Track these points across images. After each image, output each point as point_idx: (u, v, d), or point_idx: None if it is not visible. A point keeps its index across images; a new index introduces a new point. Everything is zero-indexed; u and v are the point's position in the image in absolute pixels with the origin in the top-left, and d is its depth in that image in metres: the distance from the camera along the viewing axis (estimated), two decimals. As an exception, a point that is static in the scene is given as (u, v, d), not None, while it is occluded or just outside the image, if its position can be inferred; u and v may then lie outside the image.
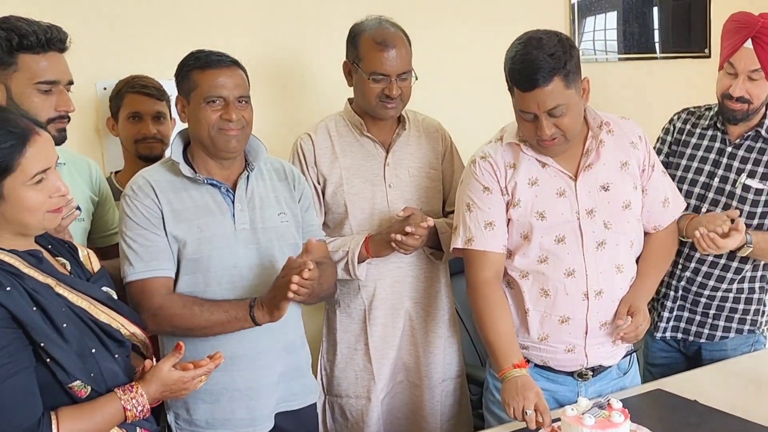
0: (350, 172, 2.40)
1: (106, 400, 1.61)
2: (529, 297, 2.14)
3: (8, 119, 1.55)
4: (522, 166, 2.11)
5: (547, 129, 1.99)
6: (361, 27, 2.35)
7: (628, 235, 2.15)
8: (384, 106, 2.33)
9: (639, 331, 2.11)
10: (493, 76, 3.20)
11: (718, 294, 2.45)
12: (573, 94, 1.98)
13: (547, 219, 2.09)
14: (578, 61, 2.00)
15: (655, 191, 2.21)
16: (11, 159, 1.52)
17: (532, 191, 2.10)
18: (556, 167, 2.10)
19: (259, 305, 1.96)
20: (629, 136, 2.17)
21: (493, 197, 2.12)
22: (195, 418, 2.07)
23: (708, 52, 3.84)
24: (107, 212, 2.25)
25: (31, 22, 1.87)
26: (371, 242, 2.32)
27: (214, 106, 1.99)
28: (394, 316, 2.44)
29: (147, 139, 2.53)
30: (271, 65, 2.87)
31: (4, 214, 1.55)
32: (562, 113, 1.98)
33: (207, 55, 2.03)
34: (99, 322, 1.65)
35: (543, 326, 2.14)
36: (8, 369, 1.47)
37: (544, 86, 1.94)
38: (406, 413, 2.51)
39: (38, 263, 1.60)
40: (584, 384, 2.19)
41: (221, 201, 2.06)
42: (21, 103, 1.83)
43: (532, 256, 2.11)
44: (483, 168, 2.14)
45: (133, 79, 2.54)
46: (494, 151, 2.15)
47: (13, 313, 1.48)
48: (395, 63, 2.29)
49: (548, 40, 1.96)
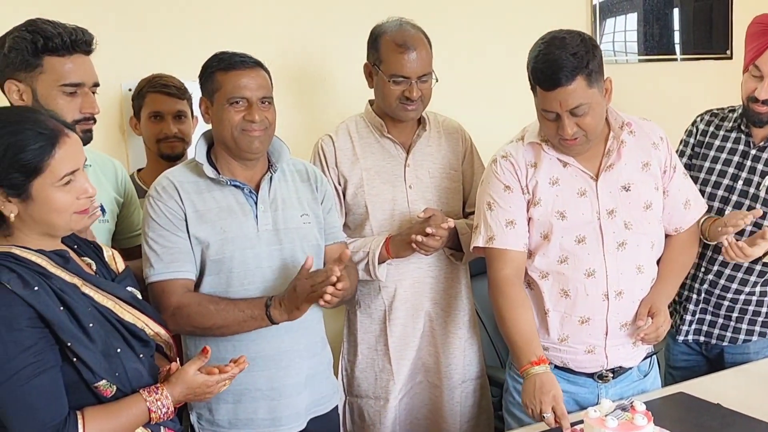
0: (371, 173, 2.40)
1: (131, 400, 1.62)
2: (549, 297, 2.14)
3: (38, 120, 1.56)
4: (543, 165, 2.11)
5: (569, 128, 1.99)
6: (381, 29, 2.36)
7: (649, 236, 2.14)
8: (404, 108, 2.33)
9: (659, 332, 2.11)
10: (513, 76, 3.20)
11: (741, 297, 2.43)
12: (595, 93, 1.98)
13: (568, 219, 2.09)
14: (601, 60, 2.00)
15: (677, 193, 2.20)
16: (41, 160, 1.53)
17: (553, 191, 2.11)
18: (578, 167, 2.11)
19: (276, 304, 1.96)
20: (651, 137, 2.16)
21: (514, 196, 2.13)
22: (217, 419, 2.08)
23: (730, 54, 3.83)
24: (132, 213, 2.27)
25: (57, 25, 1.88)
26: (392, 243, 2.33)
27: (238, 107, 2.00)
28: (414, 316, 2.44)
29: (168, 138, 2.55)
30: (293, 67, 2.88)
31: (32, 215, 1.56)
32: (584, 113, 1.98)
33: (230, 57, 2.04)
34: (124, 322, 1.66)
35: (563, 327, 2.14)
36: (35, 368, 1.49)
37: (567, 85, 1.94)
38: (426, 414, 2.51)
39: (65, 263, 1.61)
40: (605, 386, 2.18)
41: (244, 202, 2.06)
42: (46, 104, 1.84)
43: (552, 257, 2.11)
44: (504, 167, 2.14)
45: (154, 79, 2.56)
46: (515, 151, 2.15)
47: (41, 312, 1.50)
48: (415, 65, 2.29)
49: (571, 40, 1.96)
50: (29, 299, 1.49)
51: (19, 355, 1.48)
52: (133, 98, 2.59)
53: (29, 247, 1.58)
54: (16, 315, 1.48)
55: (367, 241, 2.36)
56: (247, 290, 2.03)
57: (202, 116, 2.11)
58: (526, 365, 1.99)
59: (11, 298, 1.48)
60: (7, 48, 1.86)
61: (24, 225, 1.58)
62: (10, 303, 1.48)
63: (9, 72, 1.88)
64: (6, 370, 1.47)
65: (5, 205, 1.54)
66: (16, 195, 1.54)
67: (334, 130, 2.46)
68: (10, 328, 1.47)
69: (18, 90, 1.87)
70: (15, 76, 1.87)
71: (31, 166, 1.52)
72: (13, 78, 1.87)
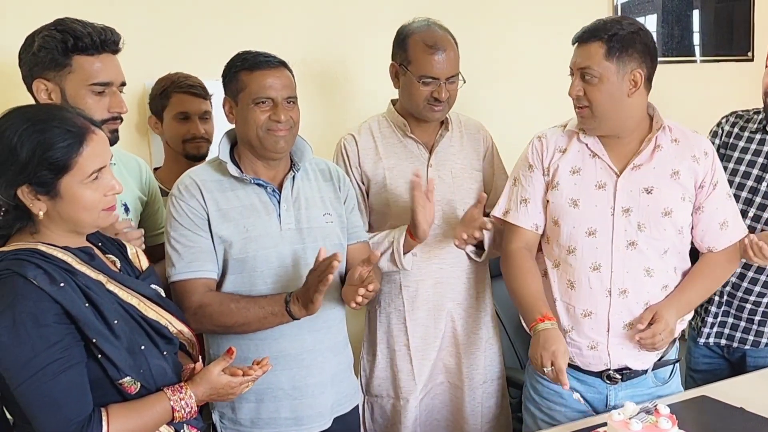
0: (393, 172, 2.40)
1: (155, 399, 1.62)
2: (557, 287, 2.19)
3: (66, 118, 1.57)
4: (571, 152, 2.16)
5: (573, 87, 2.08)
6: (409, 29, 2.35)
7: (662, 242, 2.13)
8: (431, 108, 2.33)
9: (656, 339, 2.06)
10: (537, 76, 3.22)
11: (764, 300, 2.42)
12: (612, 69, 2.03)
13: (580, 208, 2.11)
14: (639, 48, 2.04)
15: (713, 211, 2.17)
16: (69, 157, 1.54)
17: (572, 179, 2.14)
18: (606, 161, 2.13)
19: (294, 299, 1.96)
20: (694, 149, 2.15)
21: (534, 175, 2.20)
22: (240, 418, 2.08)
23: (751, 56, 3.80)
24: (156, 212, 2.27)
25: (86, 24, 1.88)
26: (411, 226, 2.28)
27: (263, 107, 2.00)
28: (435, 317, 2.44)
29: (196, 138, 2.55)
30: (315, 66, 2.88)
31: (60, 212, 1.57)
32: (592, 81, 2.04)
33: (255, 56, 2.03)
34: (148, 319, 1.67)
35: (569, 318, 2.17)
36: (61, 364, 1.50)
37: (584, 44, 2.06)
38: (446, 414, 2.51)
39: (90, 260, 1.62)
40: (613, 388, 2.18)
41: (267, 201, 2.07)
42: (75, 104, 1.84)
43: (562, 245, 2.16)
44: (535, 147, 2.22)
45: (179, 79, 2.55)
46: (552, 134, 2.22)
47: (67, 308, 1.50)
48: (445, 66, 2.29)
49: (620, 18, 2.09)
50: (55, 295, 1.49)
51: (46, 351, 1.48)
52: (153, 97, 2.58)
53: (55, 244, 1.58)
54: (43, 311, 1.48)
55: (390, 232, 2.34)
56: (271, 289, 2.03)
57: (226, 116, 2.10)
58: (532, 323, 2.06)
59: (38, 294, 1.48)
60: (36, 47, 1.86)
61: (51, 222, 1.58)
62: (37, 299, 1.48)
63: (38, 71, 1.87)
64: (32, 365, 1.48)
65: (34, 203, 1.55)
66: (44, 193, 1.54)
67: (357, 130, 2.46)
68: (37, 323, 1.48)
69: (47, 89, 1.87)
70: (44, 75, 1.87)
71: (60, 163, 1.53)
72: (42, 77, 1.87)
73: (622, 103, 2.06)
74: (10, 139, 1.51)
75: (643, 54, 2.04)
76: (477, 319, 2.49)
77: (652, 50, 2.08)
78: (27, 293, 1.48)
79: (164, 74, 2.58)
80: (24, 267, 1.50)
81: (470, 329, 2.48)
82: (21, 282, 1.49)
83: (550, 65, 3.18)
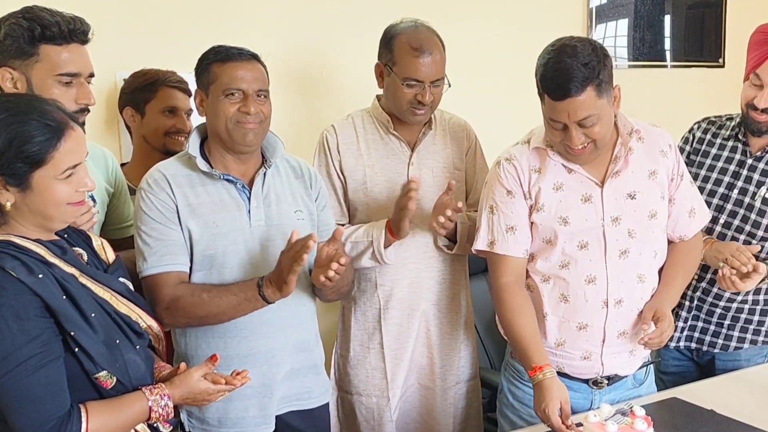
0: (374, 170, 2.38)
1: (133, 397, 1.61)
2: (548, 302, 2.12)
3: (45, 111, 1.54)
4: (548, 170, 2.09)
5: (576, 139, 1.95)
6: (396, 30, 2.31)
7: (652, 245, 2.13)
8: (414, 112, 2.31)
9: (663, 337, 2.07)
10: (511, 77, 3.22)
11: (734, 305, 2.44)
12: (605, 104, 1.94)
13: (571, 224, 2.07)
14: (611, 70, 1.96)
15: (683, 201, 2.18)
16: (45, 152, 1.51)
17: (556, 196, 2.08)
18: (583, 173, 2.08)
19: (267, 282, 1.93)
20: (660, 144, 2.14)
21: (516, 201, 2.10)
22: (207, 417, 2.04)
23: (722, 63, 3.85)
24: (123, 203, 2.23)
25: (54, 13, 1.84)
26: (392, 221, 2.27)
27: (233, 99, 1.98)
28: (409, 317, 2.41)
29: (181, 133, 2.51)
30: (291, 62, 2.86)
31: (28, 205, 1.54)
32: (593, 123, 1.94)
33: (227, 49, 2.02)
34: (120, 314, 1.65)
35: (561, 332, 2.12)
36: (41, 358, 1.47)
37: (576, 96, 1.89)
38: (416, 416, 2.49)
39: (63, 254, 1.59)
40: (599, 392, 2.17)
41: (237, 197, 2.03)
42: (41, 94, 1.79)
43: (554, 261, 2.10)
44: (507, 171, 2.11)
45: (167, 74, 2.52)
46: (520, 154, 2.12)
47: (46, 301, 1.48)
48: (430, 69, 2.26)
49: (582, 49, 1.91)
50: (35, 287, 1.47)
51: (26, 345, 1.46)
52: (134, 90, 2.52)
53: (27, 237, 1.55)
54: (23, 304, 1.46)
55: (368, 229, 2.32)
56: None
57: (196, 109, 2.08)
58: (529, 373, 2.01)
59: (18, 287, 1.46)
60: (2, 35, 1.81)
61: (19, 215, 1.55)
62: (17, 291, 1.46)
63: (3, 59, 1.82)
64: (12, 359, 1.45)
65: (2, 193, 1.52)
66: (15, 184, 1.51)
67: (339, 122, 2.43)
68: (18, 317, 1.45)
69: (12, 78, 1.82)
70: (9, 63, 1.82)
71: (35, 157, 1.50)
72: (7, 65, 1.82)
73: (612, 123, 2.04)
74: None
75: (611, 69, 1.97)
76: (452, 321, 2.47)
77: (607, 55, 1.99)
78: (6, 285, 1.46)
79: (138, 67, 2.53)
80: (1, 259, 1.47)
81: (445, 330, 2.46)
82: None
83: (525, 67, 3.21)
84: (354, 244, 2.31)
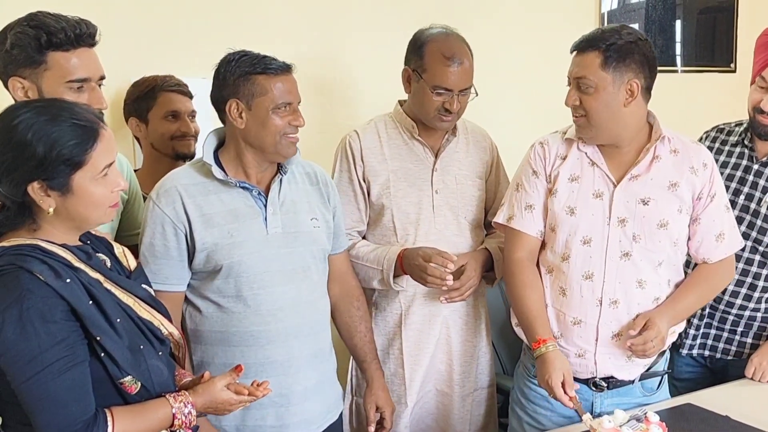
0: (397, 175, 2.38)
1: (158, 404, 1.61)
2: (549, 293, 2.19)
3: (78, 113, 1.55)
4: (570, 159, 2.16)
5: (569, 96, 2.08)
6: (427, 36, 2.30)
7: (657, 254, 2.13)
8: (441, 119, 2.31)
9: (647, 347, 2.05)
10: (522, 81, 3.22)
11: (746, 313, 2.43)
12: (608, 79, 2.03)
13: (576, 215, 2.11)
14: (637, 58, 2.04)
15: (710, 223, 2.17)
16: (84, 153, 1.52)
17: (570, 186, 2.14)
18: (604, 169, 2.13)
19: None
20: (692, 161, 2.15)
21: (538, 181, 2.19)
22: (224, 424, 2.04)
23: (734, 68, 3.84)
24: (136, 210, 2.23)
25: (60, 18, 1.80)
26: (405, 263, 2.28)
27: (283, 112, 1.98)
28: (430, 322, 2.41)
29: (187, 136, 2.52)
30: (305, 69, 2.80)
31: (68, 209, 1.55)
32: (588, 91, 2.04)
33: (264, 59, 1.97)
34: (143, 320, 1.65)
35: (558, 325, 2.17)
36: (66, 362, 1.48)
37: (581, 53, 2.07)
38: (432, 422, 2.48)
39: (88, 259, 1.60)
40: (599, 395, 2.18)
41: (253, 204, 2.03)
42: None
43: (557, 252, 2.16)
44: (537, 153, 2.22)
45: (165, 79, 2.52)
46: (552, 140, 2.23)
47: (73, 305, 1.49)
48: (460, 78, 2.26)
49: (619, 28, 2.07)
50: (62, 291, 1.48)
51: (52, 348, 1.46)
52: (135, 100, 2.51)
53: (54, 241, 1.56)
54: (50, 307, 1.47)
55: (380, 254, 2.32)
56: (257, 294, 2.00)
57: (232, 120, 1.99)
58: (533, 345, 2.10)
59: (45, 290, 1.47)
60: (9, 45, 1.78)
61: (57, 219, 1.56)
62: (44, 294, 1.47)
63: (12, 69, 1.80)
64: (38, 362, 1.46)
65: (44, 199, 1.52)
66: (56, 188, 1.52)
67: (362, 127, 2.43)
68: (44, 319, 1.46)
69: (23, 87, 1.80)
70: (19, 73, 1.80)
71: (76, 159, 1.52)
72: (17, 75, 1.80)
73: (619, 112, 2.06)
74: (23, 134, 1.49)
75: (640, 64, 2.04)
76: (472, 327, 2.47)
77: (650, 60, 2.08)
78: (34, 288, 1.46)
79: (151, 69, 2.54)
80: (29, 262, 1.48)
81: (465, 337, 2.46)
82: (27, 277, 1.46)
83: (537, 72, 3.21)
84: (365, 267, 2.33)
